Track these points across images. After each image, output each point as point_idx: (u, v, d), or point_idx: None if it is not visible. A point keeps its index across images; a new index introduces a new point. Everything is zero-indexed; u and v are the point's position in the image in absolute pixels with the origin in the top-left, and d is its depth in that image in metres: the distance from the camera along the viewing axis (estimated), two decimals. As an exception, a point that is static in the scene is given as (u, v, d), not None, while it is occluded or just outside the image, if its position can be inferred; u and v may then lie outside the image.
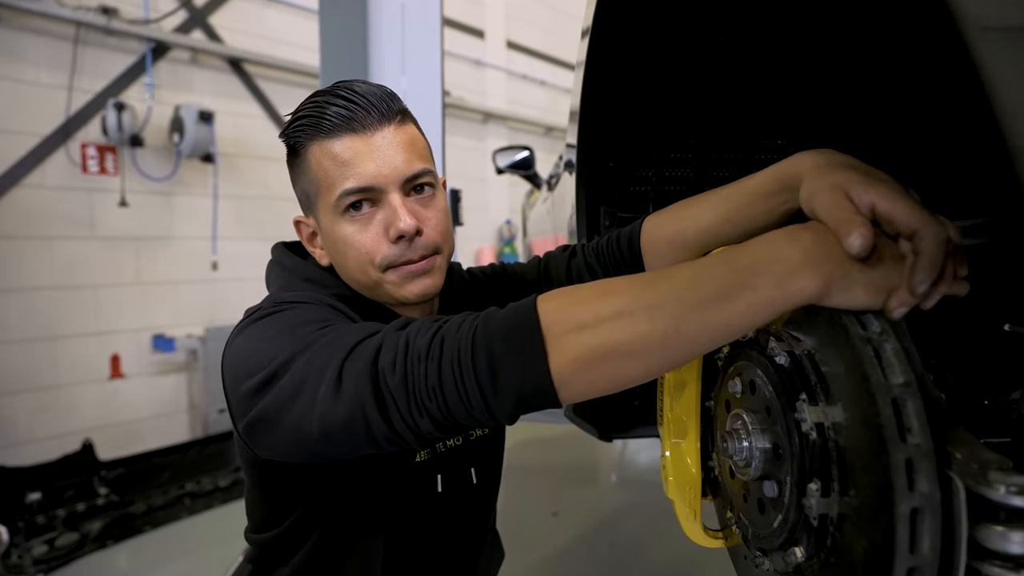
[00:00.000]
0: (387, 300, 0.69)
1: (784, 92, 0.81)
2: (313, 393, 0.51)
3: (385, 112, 0.66)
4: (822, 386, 0.44)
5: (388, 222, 0.65)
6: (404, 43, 1.52)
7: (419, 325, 0.51)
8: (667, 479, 0.67)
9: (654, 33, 0.74)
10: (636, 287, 0.45)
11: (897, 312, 0.41)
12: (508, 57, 6.23)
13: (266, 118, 4.09)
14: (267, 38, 4.06)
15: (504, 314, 0.48)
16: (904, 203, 0.42)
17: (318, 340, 0.54)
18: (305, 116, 0.66)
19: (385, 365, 0.49)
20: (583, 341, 0.44)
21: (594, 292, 0.47)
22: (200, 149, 3.52)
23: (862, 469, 0.39)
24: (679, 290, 0.44)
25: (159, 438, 3.54)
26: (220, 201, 3.80)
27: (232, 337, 0.62)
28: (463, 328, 0.48)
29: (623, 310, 0.44)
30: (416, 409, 0.48)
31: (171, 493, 3.16)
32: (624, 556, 2.51)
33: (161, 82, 3.56)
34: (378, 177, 0.64)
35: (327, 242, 0.69)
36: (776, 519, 0.48)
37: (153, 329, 3.59)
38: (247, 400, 0.56)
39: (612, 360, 0.44)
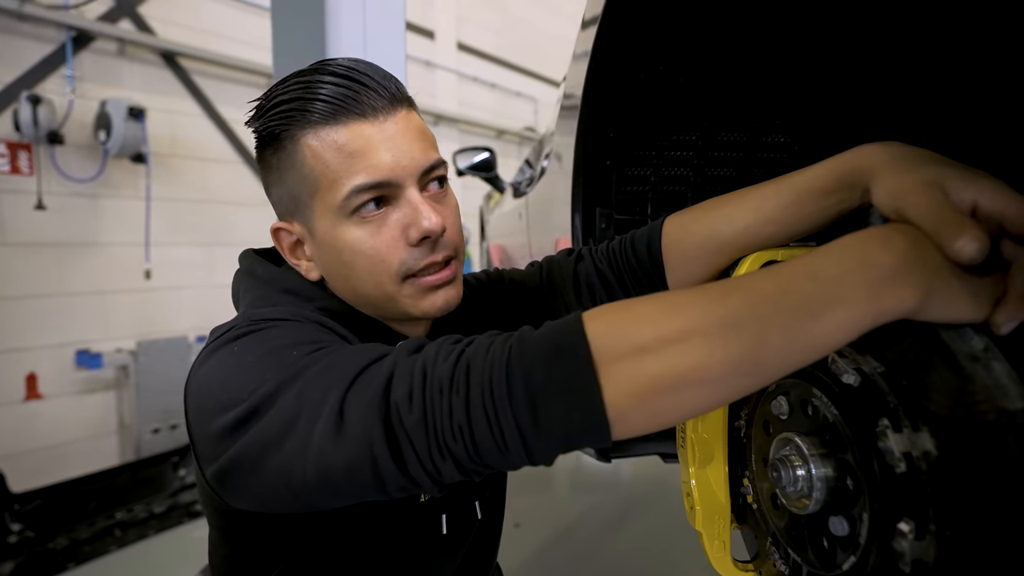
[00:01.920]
0: (399, 316, 0.60)
1: (787, 88, 0.77)
2: (307, 431, 0.42)
3: (396, 94, 0.56)
4: (906, 410, 0.39)
5: (407, 222, 0.55)
6: (366, 39, 1.41)
7: (436, 348, 0.43)
8: (693, 508, 0.60)
9: (663, 25, 0.68)
10: (706, 301, 0.38)
11: (1006, 327, 0.36)
12: (458, 59, 6.15)
13: (204, 116, 3.83)
14: (204, 31, 3.81)
15: (544, 335, 0.40)
16: (1016, 200, 0.37)
17: (311, 366, 0.44)
18: (292, 99, 0.54)
19: (399, 399, 0.40)
20: (644, 369, 0.36)
21: (654, 308, 0.39)
22: (130, 148, 3.25)
23: (980, 508, 0.33)
24: (758, 305, 0.36)
25: (83, 464, 3.23)
26: (153, 204, 3.52)
27: (199, 363, 0.52)
28: (493, 352, 0.40)
29: (692, 330, 0.36)
30: (438, 452, 0.40)
31: (99, 524, 2.89)
32: (590, 563, 2.47)
33: (84, 74, 3.26)
34: (396, 169, 0.54)
35: (324, 252, 0.58)
36: (847, 561, 0.42)
37: (77, 344, 3.27)
38: (220, 440, 0.46)
39: (679, 390, 0.37)
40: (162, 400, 3.49)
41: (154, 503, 3.12)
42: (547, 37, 6.98)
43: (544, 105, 7.07)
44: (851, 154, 0.49)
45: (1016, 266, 0.37)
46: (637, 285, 0.67)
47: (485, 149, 2.47)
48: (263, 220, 2.81)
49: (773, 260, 0.55)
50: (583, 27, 0.74)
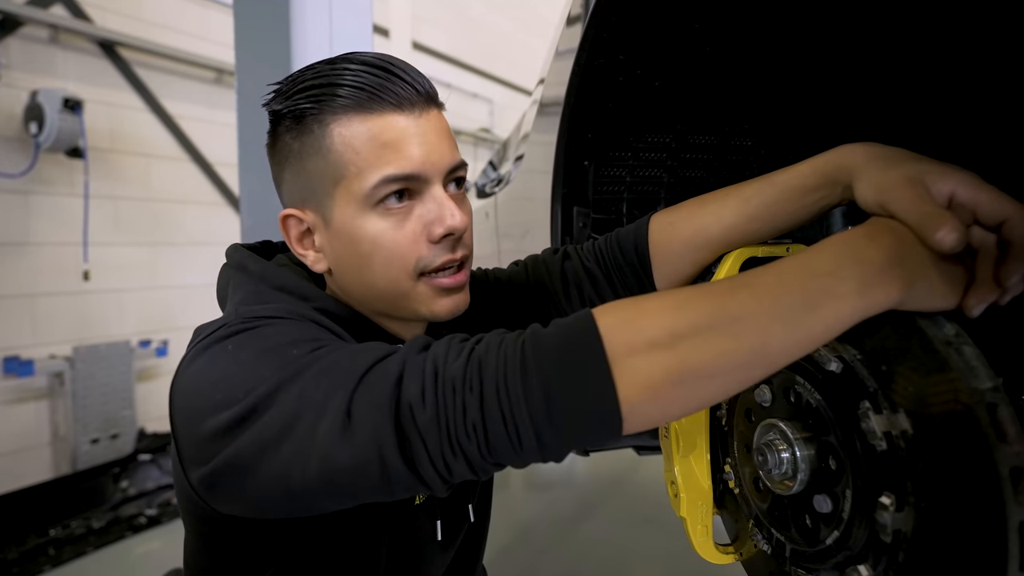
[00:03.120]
0: (408, 316, 0.59)
1: (755, 94, 0.81)
2: (309, 433, 0.41)
3: (430, 91, 0.57)
4: (885, 393, 0.42)
5: (431, 218, 0.55)
6: (332, 30, 1.39)
7: (446, 347, 0.43)
8: (677, 496, 0.63)
9: (644, 28, 0.71)
10: (714, 297, 0.40)
11: (977, 309, 0.39)
12: (414, 58, 6.09)
13: (147, 110, 3.64)
14: (146, 21, 3.62)
15: (556, 333, 0.41)
16: (988, 191, 0.41)
17: (312, 365, 0.44)
18: (323, 83, 0.53)
19: (411, 398, 0.40)
20: (657, 362, 0.38)
21: (664, 304, 0.40)
22: (66, 142, 3.06)
23: (955, 481, 0.37)
24: (762, 300, 0.39)
25: (12, 479, 3.00)
26: (92, 201, 3.32)
27: (187, 362, 0.50)
28: (506, 350, 0.40)
29: (703, 324, 0.38)
30: (450, 450, 0.40)
31: (30, 543, 2.70)
32: (548, 562, 2.49)
33: (11, 62, 3.04)
34: (426, 164, 0.54)
35: (339, 242, 0.56)
36: (830, 536, 0.45)
37: (5, 350, 3.05)
38: (211, 441, 0.45)
39: (690, 383, 0.38)
40: (102, 408, 3.30)
41: (93, 518, 2.94)
42: (504, 39, 7.01)
43: (500, 106, 7.09)
44: (833, 153, 0.52)
45: (983, 253, 0.40)
46: (624, 282, 0.69)
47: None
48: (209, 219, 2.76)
49: (754, 257, 0.58)
50: (568, 23, 0.76)
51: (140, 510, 3.06)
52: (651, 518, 2.74)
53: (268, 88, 0.59)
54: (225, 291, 0.61)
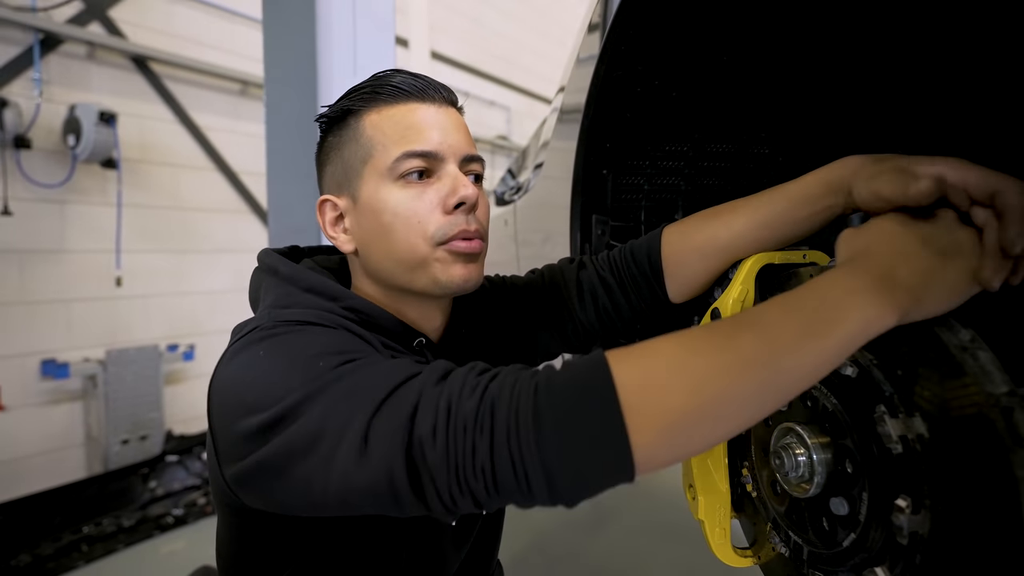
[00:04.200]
0: (424, 285, 0.61)
1: (772, 104, 0.82)
2: (331, 451, 0.43)
3: (452, 97, 0.65)
4: (901, 397, 0.43)
5: (447, 191, 0.60)
6: (356, 41, 1.43)
7: (462, 381, 0.43)
8: (695, 500, 0.64)
9: (666, 36, 0.72)
10: (722, 339, 0.40)
11: (995, 281, 0.40)
12: (431, 67, 6.16)
13: (176, 122, 3.75)
14: (176, 36, 3.74)
15: (569, 378, 0.41)
16: (974, 168, 0.43)
17: (337, 381, 0.46)
18: (367, 87, 0.63)
19: (423, 434, 0.41)
20: (670, 409, 0.38)
21: (675, 348, 0.41)
22: (100, 153, 3.17)
23: (970, 484, 0.37)
24: (768, 338, 0.40)
25: (48, 478, 3.11)
26: (124, 210, 3.43)
27: (225, 361, 0.52)
28: (519, 393, 0.41)
29: (713, 367, 0.39)
30: (457, 488, 0.41)
31: (64, 540, 2.78)
32: (563, 571, 2.49)
33: (52, 78, 3.17)
34: (443, 145, 0.60)
35: (364, 218, 0.61)
36: (847, 538, 0.46)
37: (42, 354, 3.16)
38: (244, 442, 0.47)
39: (704, 425, 0.39)
40: (132, 410, 3.39)
41: (123, 516, 3.02)
42: (520, 47, 7.06)
43: (517, 114, 7.14)
44: (835, 164, 0.55)
45: (987, 228, 0.42)
46: (637, 291, 0.70)
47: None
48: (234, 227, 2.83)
49: (771, 262, 0.59)
50: (588, 31, 0.77)
51: (167, 510, 3.13)
52: (670, 526, 2.72)
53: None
54: (257, 293, 0.64)
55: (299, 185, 1.35)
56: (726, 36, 0.73)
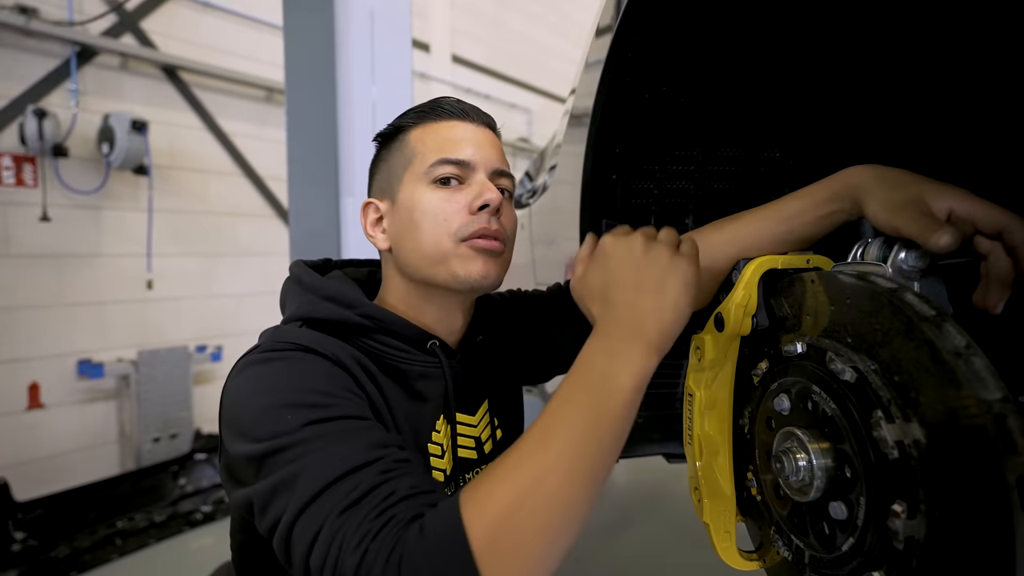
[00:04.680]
0: (444, 279, 0.67)
1: (783, 105, 0.82)
2: (272, 528, 0.51)
3: (490, 120, 0.74)
4: (898, 403, 0.43)
5: (474, 195, 0.67)
6: (374, 51, 1.46)
7: (359, 520, 0.46)
8: (700, 501, 0.64)
9: (673, 42, 0.73)
10: (537, 459, 0.45)
11: (999, 306, 0.44)
12: (453, 71, 6.22)
13: (204, 129, 3.87)
14: (204, 45, 3.85)
15: (431, 553, 0.43)
16: (982, 204, 0.46)
17: (293, 448, 0.51)
18: (418, 108, 0.72)
19: (314, 567, 0.46)
20: (528, 564, 0.43)
21: (509, 493, 0.44)
22: (132, 160, 3.28)
23: (963, 490, 0.37)
24: (574, 435, 0.45)
25: (85, 473, 3.23)
26: (155, 215, 3.55)
27: (235, 372, 0.59)
28: (391, 564, 0.43)
29: (549, 495, 0.44)
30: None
31: (100, 533, 2.89)
32: (588, 572, 2.49)
33: (88, 88, 3.30)
34: (475, 157, 0.68)
35: (399, 217, 0.69)
36: (845, 542, 0.46)
37: (78, 354, 3.28)
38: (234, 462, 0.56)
39: (550, 548, 0.44)
40: (162, 410, 3.50)
41: (154, 512, 3.11)
42: (541, 49, 7.07)
43: (538, 116, 7.15)
44: (842, 174, 0.56)
45: (993, 258, 0.45)
46: None
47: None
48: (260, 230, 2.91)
49: (774, 267, 0.59)
50: (597, 34, 0.78)
51: (196, 506, 3.22)
52: (690, 531, 2.70)
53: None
54: (285, 301, 0.71)
55: (318, 190, 1.39)
56: (733, 41, 0.73)
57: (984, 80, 0.59)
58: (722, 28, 0.72)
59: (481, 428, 0.76)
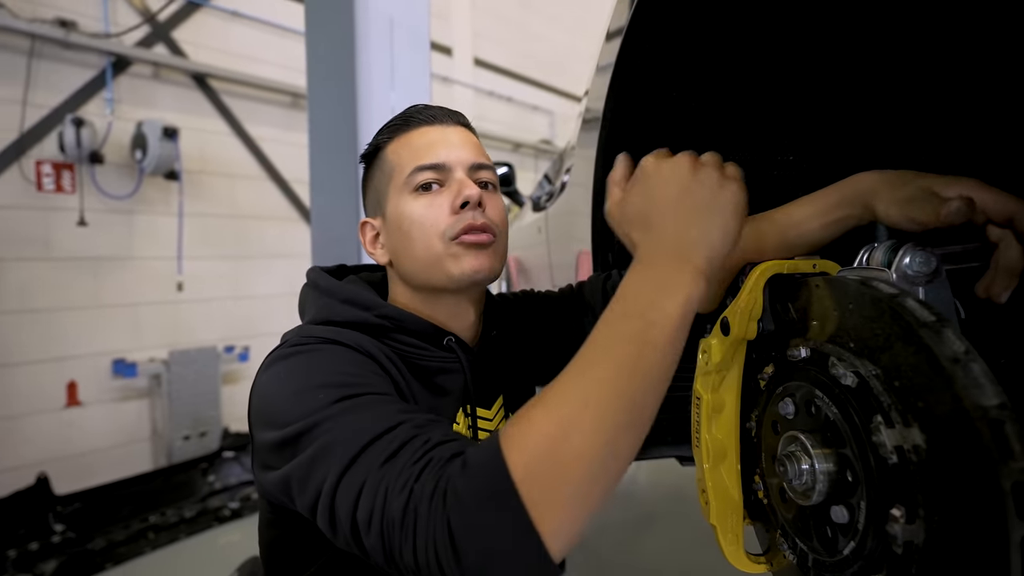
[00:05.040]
0: (442, 280, 0.69)
1: (796, 108, 0.82)
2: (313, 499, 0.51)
3: (458, 118, 0.75)
4: (898, 408, 0.43)
5: (454, 194, 0.68)
6: (393, 57, 1.49)
7: (400, 467, 0.47)
8: (707, 504, 0.65)
9: (683, 41, 0.73)
10: (578, 390, 0.43)
11: (1004, 295, 0.44)
12: (475, 74, 6.26)
13: (232, 134, 3.97)
14: (232, 53, 3.96)
15: (476, 488, 0.43)
16: (991, 191, 0.45)
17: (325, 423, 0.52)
18: (389, 124, 0.74)
19: (362, 520, 0.47)
20: (568, 485, 0.41)
21: (550, 422, 0.43)
22: (164, 166, 3.39)
23: (960, 495, 0.38)
24: (619, 365, 0.43)
25: (119, 469, 3.34)
26: (185, 219, 3.66)
27: (264, 367, 0.62)
28: (436, 503, 0.44)
29: (588, 428, 0.42)
30: (393, 568, 0.47)
31: (133, 527, 2.99)
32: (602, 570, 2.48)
33: (122, 97, 3.42)
34: (449, 158, 0.70)
35: (391, 230, 0.71)
36: (847, 546, 0.47)
37: (113, 354, 3.40)
38: (264, 452, 0.58)
39: (596, 483, 0.42)
40: (192, 408, 3.60)
41: (184, 508, 3.21)
42: (563, 51, 7.06)
43: (560, 118, 7.14)
44: (851, 179, 0.57)
45: (1002, 244, 0.44)
46: None
47: (504, 164, 2.53)
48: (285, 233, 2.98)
49: (780, 271, 0.59)
50: (607, 39, 0.79)
51: (224, 503, 3.31)
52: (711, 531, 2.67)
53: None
54: (303, 306, 0.74)
55: (339, 197, 1.43)
56: (744, 44, 0.73)
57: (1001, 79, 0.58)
58: (733, 31, 0.72)
59: (496, 422, 0.78)
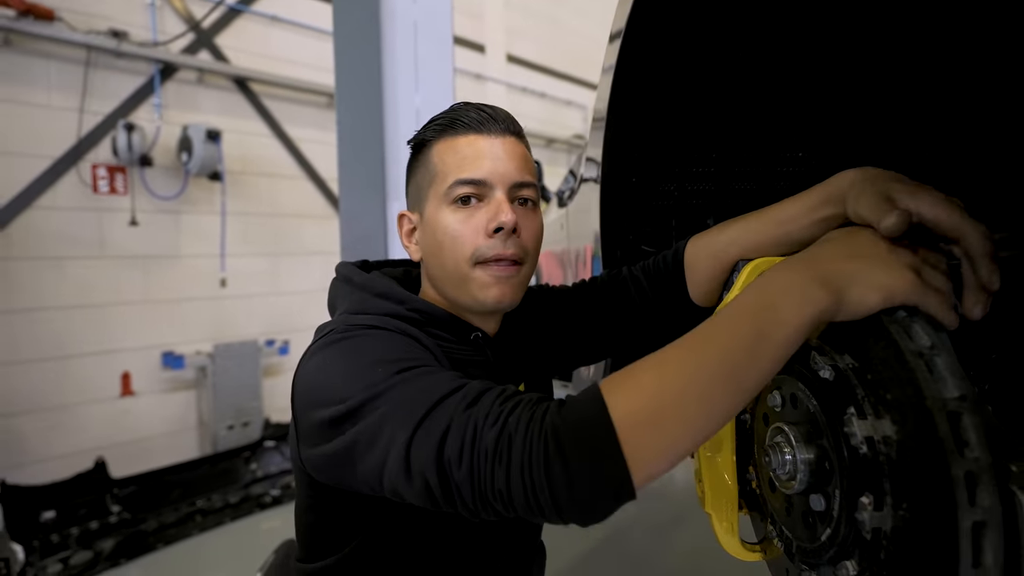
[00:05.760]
0: (466, 301, 0.70)
1: (805, 104, 0.82)
2: (383, 456, 0.52)
3: (510, 126, 0.71)
4: (870, 400, 0.45)
5: (490, 216, 0.67)
6: (417, 60, 1.54)
7: (488, 407, 0.50)
8: (703, 493, 0.67)
9: (686, 39, 0.75)
10: (689, 359, 0.45)
11: (976, 310, 0.44)
12: (508, 70, 6.28)
13: (272, 136, 4.12)
14: (271, 57, 4.10)
15: (575, 418, 0.46)
16: (947, 208, 0.45)
17: (390, 391, 0.54)
18: (440, 120, 0.71)
19: (452, 456, 0.48)
20: (661, 434, 0.44)
21: (655, 377, 0.46)
22: (207, 167, 3.55)
23: (919, 484, 0.39)
24: (726, 346, 0.45)
25: (169, 455, 3.54)
26: (228, 218, 3.82)
27: (307, 356, 0.63)
28: (533, 429, 0.47)
29: (688, 391, 0.44)
30: (481, 503, 0.48)
31: (182, 510, 3.16)
32: (633, 568, 2.49)
33: (169, 102, 3.60)
34: (492, 174, 0.68)
35: (426, 233, 0.71)
36: (824, 533, 0.48)
37: (162, 347, 3.60)
38: (317, 431, 0.57)
39: (687, 439, 0.45)
40: (235, 399, 3.77)
41: (229, 494, 3.37)
42: (595, 44, 7.00)
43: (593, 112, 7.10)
44: (836, 177, 0.58)
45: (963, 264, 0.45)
46: (660, 285, 0.78)
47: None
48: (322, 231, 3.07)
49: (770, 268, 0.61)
50: (610, 40, 0.80)
51: (266, 490, 3.46)
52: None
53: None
54: (335, 300, 0.74)
55: (366, 197, 1.48)
56: (747, 42, 0.74)
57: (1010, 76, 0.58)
58: (728, 31, 0.73)
59: None
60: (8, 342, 3.06)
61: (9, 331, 3.07)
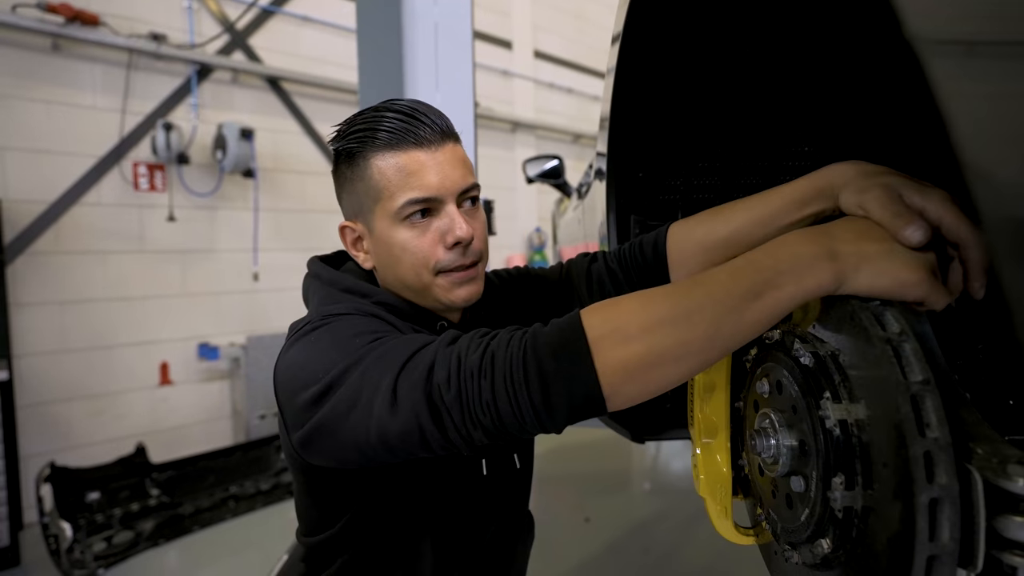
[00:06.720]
0: (432, 303, 0.72)
1: (811, 99, 0.83)
2: (369, 405, 0.54)
3: (446, 131, 0.70)
4: (845, 385, 0.46)
5: (445, 229, 0.69)
6: (437, 60, 1.58)
7: (468, 341, 0.54)
8: (698, 478, 0.69)
9: (683, 40, 0.76)
10: (675, 295, 0.48)
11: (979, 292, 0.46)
12: (535, 66, 6.29)
13: (302, 133, 4.23)
14: (303, 56, 4.21)
15: (551, 330, 0.51)
16: (953, 213, 0.46)
17: (369, 353, 0.57)
18: (366, 128, 0.69)
19: (440, 380, 0.52)
20: (629, 351, 0.47)
21: (635, 303, 0.49)
22: (241, 165, 3.67)
23: (884, 463, 0.41)
24: (714, 293, 0.47)
25: (205, 442, 3.68)
26: (260, 214, 3.95)
27: (284, 351, 0.66)
28: (512, 345, 0.51)
29: (665, 318, 0.47)
30: (470, 421, 0.51)
31: (217, 495, 3.28)
32: (656, 562, 2.50)
33: (205, 102, 3.73)
34: (440, 189, 0.68)
35: (379, 247, 0.71)
36: (803, 513, 0.50)
37: (198, 338, 3.74)
38: (303, 412, 0.59)
39: (657, 367, 0.47)
40: (267, 390, 3.86)
41: (261, 480, 3.48)
42: (624, 38, 6.94)
43: (621, 106, 7.05)
44: (825, 170, 0.58)
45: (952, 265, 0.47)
46: (643, 281, 0.77)
47: (554, 157, 2.57)
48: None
49: (761, 261, 0.63)
50: (612, 43, 0.83)
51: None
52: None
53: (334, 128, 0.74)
54: (307, 294, 0.77)
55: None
56: (748, 40, 0.76)
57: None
58: (734, 26, 0.75)
59: None
60: (59, 332, 3.24)
61: (61, 322, 3.24)
